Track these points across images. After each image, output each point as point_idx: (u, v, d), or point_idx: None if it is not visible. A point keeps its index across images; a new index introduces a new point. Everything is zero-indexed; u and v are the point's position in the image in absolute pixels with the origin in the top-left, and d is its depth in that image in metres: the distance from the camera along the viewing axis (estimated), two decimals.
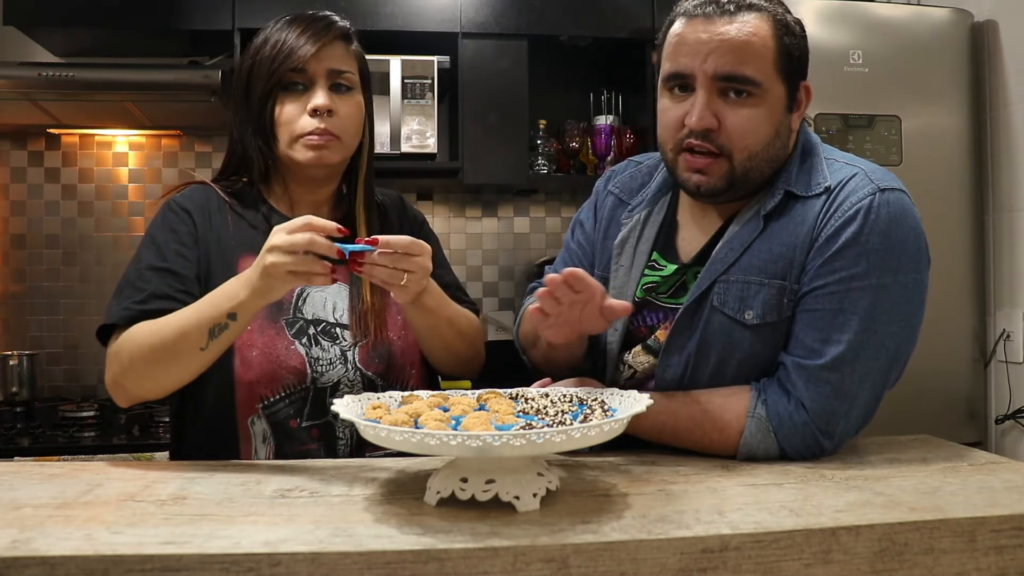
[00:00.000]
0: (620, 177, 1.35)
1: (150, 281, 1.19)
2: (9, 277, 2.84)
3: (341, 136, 1.25)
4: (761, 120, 1.09)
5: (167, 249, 1.22)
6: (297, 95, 1.24)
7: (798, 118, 1.15)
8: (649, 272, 1.22)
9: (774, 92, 1.10)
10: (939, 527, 0.81)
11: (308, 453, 1.21)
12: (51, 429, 2.35)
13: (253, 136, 1.27)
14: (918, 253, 1.08)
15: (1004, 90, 2.31)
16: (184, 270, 1.21)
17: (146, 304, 1.17)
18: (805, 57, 1.14)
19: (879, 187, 1.08)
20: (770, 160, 1.12)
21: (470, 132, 2.65)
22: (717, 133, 1.09)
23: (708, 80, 1.08)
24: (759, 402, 1.08)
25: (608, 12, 2.69)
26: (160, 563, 0.72)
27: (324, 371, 1.22)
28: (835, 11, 2.27)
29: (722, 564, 0.77)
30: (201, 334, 1.10)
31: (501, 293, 3.09)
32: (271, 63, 1.23)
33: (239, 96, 1.28)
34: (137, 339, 1.14)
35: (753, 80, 1.07)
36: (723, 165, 1.10)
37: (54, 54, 2.74)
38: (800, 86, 1.14)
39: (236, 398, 1.20)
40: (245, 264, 1.22)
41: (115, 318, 1.17)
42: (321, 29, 1.24)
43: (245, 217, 1.28)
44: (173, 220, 1.25)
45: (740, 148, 1.09)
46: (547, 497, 0.87)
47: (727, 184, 1.11)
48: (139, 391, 1.17)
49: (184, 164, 2.93)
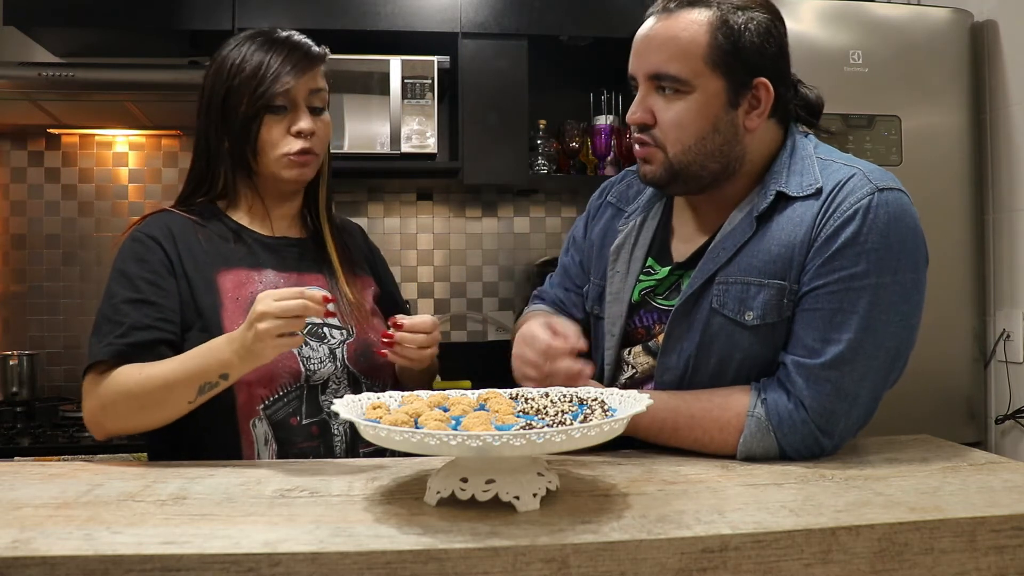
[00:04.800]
0: (617, 187, 1.37)
1: (127, 314, 1.20)
2: (9, 277, 2.84)
3: (319, 153, 1.33)
4: (692, 115, 1.12)
5: (139, 280, 1.23)
6: (281, 116, 1.28)
7: (757, 116, 1.13)
8: (644, 277, 1.23)
9: (706, 87, 1.11)
10: (939, 527, 0.82)
11: (309, 451, 1.23)
12: (51, 429, 2.35)
13: (229, 153, 1.30)
14: (916, 252, 1.09)
15: (1004, 90, 2.31)
16: (159, 299, 1.22)
17: (127, 337, 1.18)
18: (758, 51, 1.11)
19: (878, 187, 1.08)
20: (711, 155, 1.13)
21: (470, 132, 2.65)
22: (652, 128, 1.14)
23: (644, 78, 1.14)
24: (759, 401, 1.08)
25: (608, 12, 2.69)
26: (160, 563, 0.72)
27: (316, 369, 1.25)
28: (835, 11, 2.27)
29: (722, 564, 0.77)
30: (189, 389, 1.14)
31: (501, 293, 3.09)
32: (257, 85, 1.25)
33: (214, 115, 1.29)
34: (123, 384, 1.16)
35: (677, 77, 1.11)
36: (659, 155, 1.14)
37: (54, 54, 2.74)
38: (752, 83, 1.12)
39: (237, 401, 1.20)
40: (224, 278, 1.26)
41: (100, 355, 1.18)
42: (303, 57, 1.29)
43: (215, 232, 1.30)
44: (141, 251, 1.25)
45: (672, 141, 1.13)
46: (547, 497, 0.87)
47: (669, 175, 1.15)
48: (116, 430, 1.21)
49: (184, 164, 2.92)
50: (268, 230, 1.34)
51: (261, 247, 1.31)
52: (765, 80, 1.12)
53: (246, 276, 1.27)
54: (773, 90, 1.12)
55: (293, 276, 1.30)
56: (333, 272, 1.35)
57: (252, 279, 1.27)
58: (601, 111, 2.84)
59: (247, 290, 1.25)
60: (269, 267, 1.30)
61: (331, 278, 1.34)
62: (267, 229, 1.34)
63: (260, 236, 1.32)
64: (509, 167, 2.67)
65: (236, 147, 1.29)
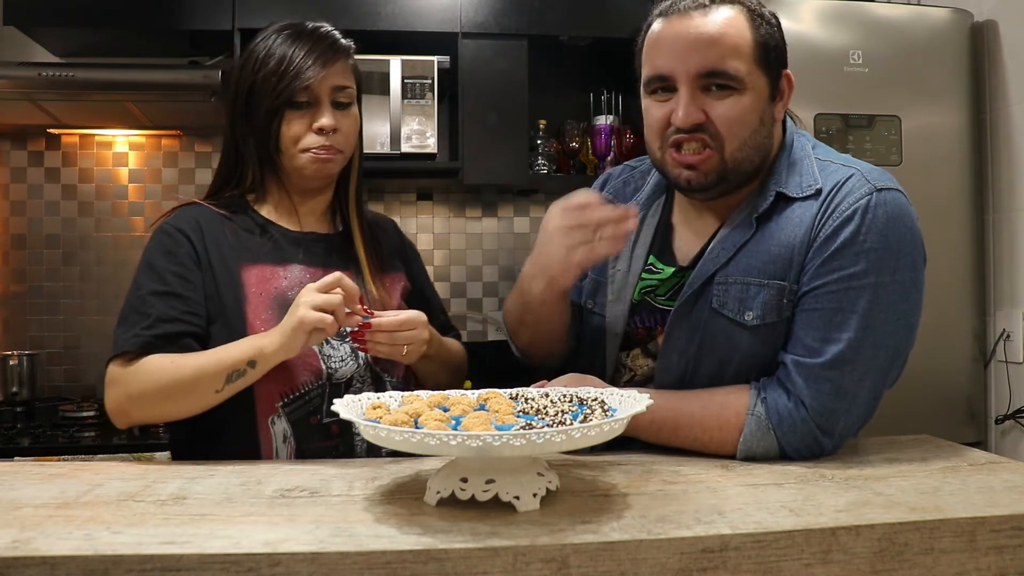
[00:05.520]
0: (614, 183, 1.36)
1: (154, 306, 1.21)
2: (9, 277, 2.84)
3: (344, 150, 1.31)
4: (747, 110, 1.11)
5: (166, 272, 1.23)
6: (303, 112, 1.27)
7: (781, 108, 1.17)
8: (646, 276, 1.23)
9: (757, 83, 1.11)
10: (939, 527, 0.82)
11: (327, 450, 1.23)
12: (51, 429, 2.35)
13: (255, 148, 1.30)
14: (915, 252, 1.09)
15: (1004, 90, 2.31)
16: (186, 292, 1.23)
17: (154, 329, 1.19)
18: (782, 47, 1.16)
19: (876, 187, 1.08)
20: (758, 148, 1.14)
21: (470, 132, 2.64)
22: (707, 126, 1.10)
23: (690, 78, 1.10)
24: (759, 400, 1.08)
25: (608, 12, 2.69)
26: (160, 563, 0.72)
27: (337, 367, 1.26)
28: (835, 11, 2.27)
29: (722, 564, 0.77)
30: (218, 378, 1.15)
31: (501, 293, 3.09)
32: (278, 81, 1.25)
33: (240, 109, 1.30)
34: (151, 374, 1.16)
35: (735, 75, 1.09)
36: (714, 159, 1.11)
37: (54, 54, 2.74)
38: (782, 75, 1.15)
39: (256, 398, 1.21)
40: (248, 273, 1.26)
41: (127, 346, 1.19)
42: (327, 49, 1.28)
43: (241, 226, 1.30)
44: (169, 243, 1.26)
45: (731, 138, 1.11)
46: (547, 497, 0.87)
47: (718, 178, 1.13)
48: (141, 419, 1.21)
49: (184, 164, 2.93)
50: (296, 225, 1.33)
51: (288, 242, 1.31)
52: (789, 72, 1.16)
53: (271, 272, 1.27)
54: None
55: (319, 271, 1.29)
56: (360, 268, 1.34)
57: (277, 274, 1.27)
58: (601, 111, 2.84)
59: (271, 285, 1.26)
60: (295, 262, 1.29)
61: (358, 274, 1.33)
62: (294, 224, 1.33)
63: (287, 231, 1.32)
64: (509, 167, 2.67)
65: (260, 142, 1.29)
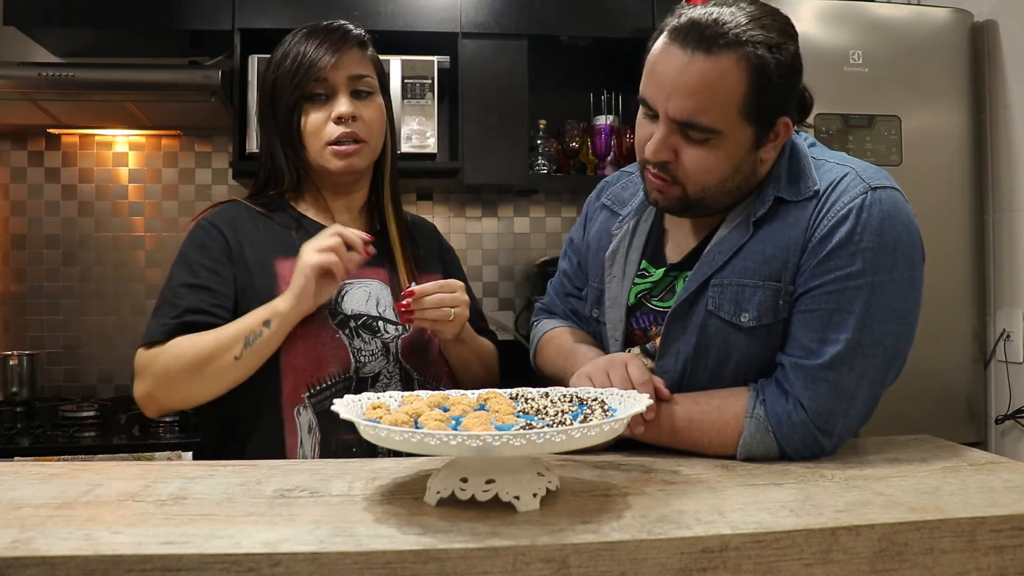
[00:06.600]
0: (612, 188, 1.37)
1: (184, 297, 1.24)
2: (9, 277, 2.84)
3: (368, 140, 1.30)
4: (718, 161, 1.08)
5: (198, 266, 1.26)
6: (320, 104, 1.29)
7: (773, 148, 1.12)
8: (639, 280, 1.23)
9: (736, 136, 1.07)
10: (939, 527, 0.81)
11: (352, 442, 1.24)
12: (51, 429, 2.35)
13: (282, 147, 1.31)
14: (912, 250, 1.08)
15: (1004, 90, 2.31)
16: (217, 285, 1.25)
17: (182, 318, 1.22)
18: (786, 92, 1.09)
19: (871, 185, 1.08)
20: (729, 192, 1.12)
21: (470, 132, 2.65)
22: (673, 166, 1.10)
23: (666, 119, 1.07)
24: (758, 402, 1.08)
25: (608, 12, 2.69)
26: (160, 563, 0.72)
27: (366, 362, 1.27)
28: (835, 11, 2.27)
29: (722, 564, 0.77)
30: (236, 342, 1.17)
31: (501, 293, 3.09)
32: (293, 76, 1.27)
33: (265, 110, 1.32)
34: (173, 351, 1.19)
35: (711, 128, 1.06)
36: (676, 191, 1.11)
37: (54, 54, 2.74)
38: (777, 122, 1.10)
39: (283, 387, 1.22)
40: (282, 266, 1.27)
41: (154, 335, 1.22)
42: (338, 39, 1.29)
43: (276, 221, 1.32)
44: (203, 237, 1.29)
45: (693, 183, 1.10)
46: (547, 497, 0.87)
47: (683, 206, 1.13)
48: (169, 403, 1.22)
49: (184, 164, 2.93)
50: (330, 222, 1.33)
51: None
52: (787, 119, 1.10)
53: None
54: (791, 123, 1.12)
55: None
56: (396, 267, 1.35)
57: None
58: (601, 111, 2.84)
59: None
60: None
61: (393, 274, 1.34)
62: (329, 221, 1.34)
63: (322, 226, 1.32)
64: (509, 167, 2.67)
65: (284, 139, 1.30)
